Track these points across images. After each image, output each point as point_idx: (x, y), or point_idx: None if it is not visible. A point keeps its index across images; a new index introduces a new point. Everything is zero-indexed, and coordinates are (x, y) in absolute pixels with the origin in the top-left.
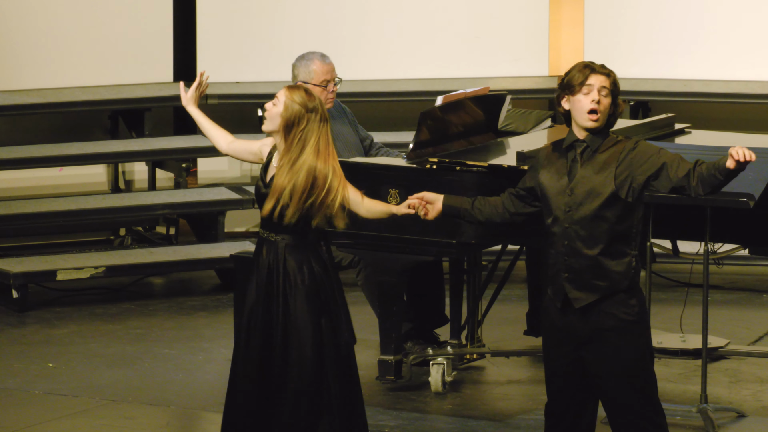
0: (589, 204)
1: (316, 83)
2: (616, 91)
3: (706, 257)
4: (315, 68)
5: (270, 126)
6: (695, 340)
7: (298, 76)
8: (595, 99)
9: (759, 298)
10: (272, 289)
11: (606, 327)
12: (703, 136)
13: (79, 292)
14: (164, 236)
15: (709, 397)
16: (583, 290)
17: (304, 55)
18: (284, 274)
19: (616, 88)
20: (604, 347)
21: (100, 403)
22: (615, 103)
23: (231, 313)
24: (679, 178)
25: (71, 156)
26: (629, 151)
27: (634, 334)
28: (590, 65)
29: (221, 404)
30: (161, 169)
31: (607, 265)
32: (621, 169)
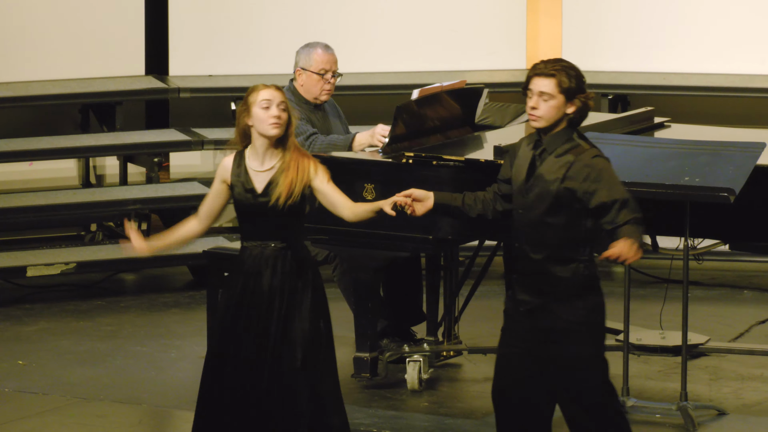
0: (537, 208)
1: (314, 71)
2: (571, 90)
3: (686, 253)
4: (316, 56)
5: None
6: (675, 337)
7: (298, 63)
8: (532, 105)
9: (739, 295)
10: (273, 294)
11: (552, 328)
12: (682, 130)
13: (50, 289)
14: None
15: (689, 394)
16: (530, 294)
17: (308, 43)
18: (287, 278)
19: (569, 88)
20: (549, 348)
21: (71, 401)
22: (571, 102)
23: (204, 310)
24: (604, 222)
25: (41, 150)
26: (584, 162)
27: (580, 335)
28: (535, 68)
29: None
30: (133, 164)
31: (553, 270)
32: (570, 175)
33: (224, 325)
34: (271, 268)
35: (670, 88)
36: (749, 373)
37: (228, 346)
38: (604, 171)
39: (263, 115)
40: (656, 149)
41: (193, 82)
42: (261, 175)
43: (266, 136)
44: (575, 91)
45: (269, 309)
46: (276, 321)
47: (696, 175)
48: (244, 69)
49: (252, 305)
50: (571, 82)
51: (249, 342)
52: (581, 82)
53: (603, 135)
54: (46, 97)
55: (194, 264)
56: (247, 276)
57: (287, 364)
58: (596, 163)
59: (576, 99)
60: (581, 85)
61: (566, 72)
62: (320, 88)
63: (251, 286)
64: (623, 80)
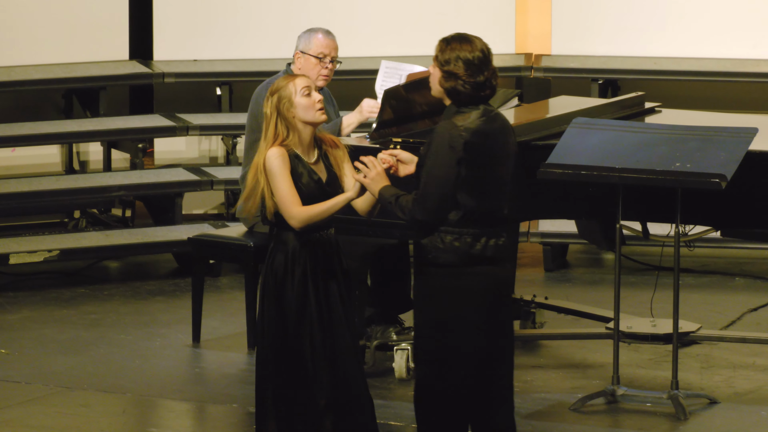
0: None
1: (312, 54)
2: (441, 64)
3: (677, 240)
4: (315, 40)
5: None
6: (666, 325)
7: (298, 46)
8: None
9: (731, 282)
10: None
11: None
12: (673, 116)
13: (32, 276)
14: (120, 218)
15: (680, 383)
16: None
17: (311, 28)
18: (340, 264)
19: (440, 61)
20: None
21: (55, 390)
22: (444, 78)
23: (189, 298)
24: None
25: (24, 136)
26: (432, 134)
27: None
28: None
29: (179, 391)
30: (117, 150)
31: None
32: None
33: (300, 320)
34: (336, 255)
35: (661, 73)
36: (741, 362)
37: (305, 339)
38: (430, 140)
39: (308, 102)
40: (647, 135)
41: (177, 67)
42: (315, 167)
43: (316, 122)
44: (442, 65)
45: (344, 293)
46: (341, 306)
47: (687, 161)
48: (230, 54)
49: (326, 293)
50: (443, 55)
51: (325, 330)
52: (449, 57)
53: (592, 120)
54: (29, 83)
55: (179, 251)
56: (317, 266)
57: (349, 347)
58: (432, 136)
59: (448, 76)
60: (450, 60)
61: (440, 46)
62: (317, 72)
63: (323, 274)
64: (613, 65)
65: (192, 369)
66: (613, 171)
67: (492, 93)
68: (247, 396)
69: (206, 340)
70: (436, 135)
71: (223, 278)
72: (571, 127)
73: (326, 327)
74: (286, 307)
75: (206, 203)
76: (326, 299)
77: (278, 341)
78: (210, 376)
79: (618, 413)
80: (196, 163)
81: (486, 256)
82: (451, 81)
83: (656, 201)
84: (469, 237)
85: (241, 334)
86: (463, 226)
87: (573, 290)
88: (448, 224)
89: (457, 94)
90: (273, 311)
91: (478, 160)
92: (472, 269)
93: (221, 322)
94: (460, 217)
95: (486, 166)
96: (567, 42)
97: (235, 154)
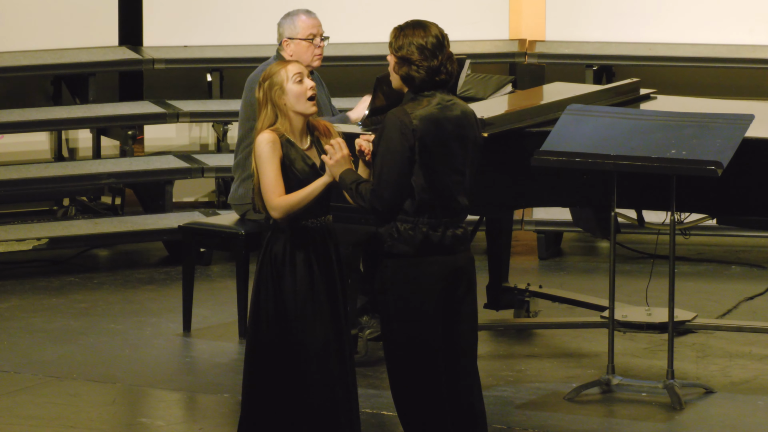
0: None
1: (302, 37)
2: (396, 52)
3: (673, 227)
4: (300, 23)
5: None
6: (661, 314)
7: (284, 34)
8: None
9: (727, 270)
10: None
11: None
12: (669, 102)
13: (21, 265)
14: (109, 206)
15: (676, 372)
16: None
17: (289, 12)
18: (337, 253)
19: (394, 48)
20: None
21: (44, 380)
22: (398, 65)
23: (179, 286)
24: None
25: (12, 123)
26: (384, 121)
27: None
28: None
29: (169, 380)
30: (106, 137)
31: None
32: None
33: (300, 311)
34: (332, 241)
35: (656, 59)
36: (737, 351)
37: (305, 333)
38: (382, 128)
39: (299, 89)
40: (642, 121)
41: (167, 53)
42: (310, 152)
43: (305, 113)
44: (396, 51)
45: (339, 281)
46: (341, 293)
47: (682, 148)
48: (221, 39)
49: (324, 280)
50: (396, 42)
51: (327, 319)
52: (403, 43)
53: (587, 107)
54: (17, 69)
55: (169, 239)
56: (315, 253)
57: (348, 328)
58: (384, 123)
59: (402, 62)
60: (403, 46)
61: (394, 33)
62: (311, 53)
63: (320, 261)
64: (608, 51)
65: (182, 358)
66: (607, 158)
67: (449, 78)
68: (238, 385)
69: (197, 330)
70: (387, 122)
71: (214, 267)
72: (565, 114)
73: (327, 318)
74: (285, 297)
75: (197, 191)
76: (327, 289)
77: (274, 333)
78: (201, 365)
79: (613, 403)
80: (187, 150)
81: (443, 245)
82: (405, 67)
83: (651, 188)
84: (424, 227)
85: (232, 323)
86: (418, 215)
87: (567, 279)
88: (404, 213)
89: (412, 80)
90: (270, 302)
91: (430, 148)
92: (426, 259)
93: (212, 311)
94: (416, 206)
95: (439, 155)
96: (561, 28)
97: (226, 141)
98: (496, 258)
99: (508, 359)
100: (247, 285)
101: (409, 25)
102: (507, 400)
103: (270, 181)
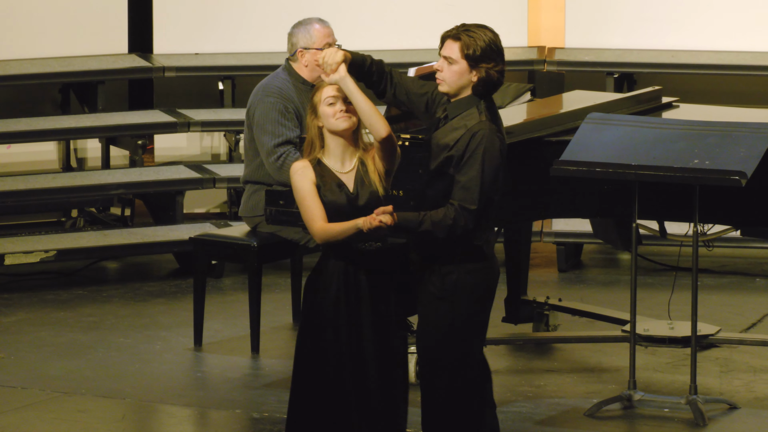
0: (426, 171)
1: (319, 47)
2: (473, 57)
3: (696, 239)
4: (315, 32)
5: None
6: (684, 328)
7: (298, 43)
8: (437, 67)
9: (751, 283)
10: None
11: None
12: (691, 111)
13: (28, 278)
14: (119, 218)
15: (699, 387)
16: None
17: (301, 21)
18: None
19: (472, 55)
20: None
21: (51, 395)
22: (475, 70)
23: (190, 300)
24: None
25: (19, 132)
26: (471, 132)
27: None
28: (448, 30)
29: (180, 396)
30: (115, 146)
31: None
32: (458, 147)
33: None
34: (380, 267)
35: (679, 66)
36: (762, 365)
37: (328, 355)
38: (483, 151)
39: (330, 111)
40: (664, 130)
41: (178, 61)
42: (346, 176)
43: (337, 131)
44: (479, 59)
45: (371, 304)
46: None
47: (705, 158)
48: (233, 47)
49: (349, 301)
50: (476, 49)
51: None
52: (490, 51)
53: (608, 116)
54: (25, 77)
55: (180, 251)
56: (348, 275)
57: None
58: (477, 139)
59: (480, 67)
60: (488, 53)
61: (473, 38)
62: None
63: (350, 286)
64: (629, 58)
65: (193, 373)
66: (629, 168)
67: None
68: (250, 401)
69: (208, 344)
70: (484, 139)
71: (226, 279)
72: (585, 123)
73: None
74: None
75: (208, 202)
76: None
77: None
78: (212, 380)
79: (634, 419)
80: (198, 160)
81: (490, 252)
82: (482, 68)
83: (674, 199)
84: (486, 233)
85: (244, 337)
86: (483, 226)
87: (588, 292)
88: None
89: (485, 85)
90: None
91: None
92: (485, 264)
93: (224, 325)
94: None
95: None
96: (581, 34)
97: (238, 151)
98: (515, 270)
99: (527, 374)
100: (259, 298)
101: (472, 26)
102: (526, 417)
103: (305, 208)
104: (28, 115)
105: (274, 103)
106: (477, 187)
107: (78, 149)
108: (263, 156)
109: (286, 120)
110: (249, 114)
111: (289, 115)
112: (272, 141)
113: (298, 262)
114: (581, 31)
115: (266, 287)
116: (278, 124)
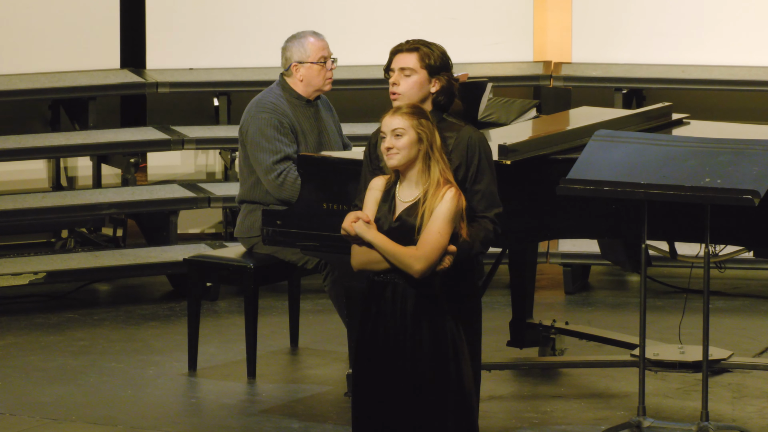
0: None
1: (314, 60)
2: (434, 67)
3: (707, 260)
4: (310, 45)
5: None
6: (695, 352)
7: (292, 57)
8: (392, 81)
9: (765, 305)
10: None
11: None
12: (702, 127)
13: (17, 300)
14: (111, 238)
15: (710, 414)
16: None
17: (294, 35)
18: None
19: (432, 64)
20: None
21: (41, 422)
22: (436, 79)
23: (184, 323)
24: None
25: (8, 150)
26: (465, 139)
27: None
28: (398, 45)
29: (174, 423)
30: (107, 165)
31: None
32: (458, 154)
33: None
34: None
35: (689, 82)
36: None
37: (378, 383)
38: (484, 152)
39: (382, 148)
40: (674, 148)
41: (172, 76)
42: (403, 204)
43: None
44: (439, 68)
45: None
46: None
47: (717, 176)
48: (228, 62)
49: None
50: (435, 59)
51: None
52: (446, 60)
53: (616, 133)
54: (14, 93)
55: (174, 273)
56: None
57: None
58: (474, 140)
59: (440, 76)
60: (445, 63)
61: (429, 47)
62: (323, 77)
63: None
64: (638, 73)
65: (188, 399)
66: (638, 187)
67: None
68: (246, 428)
69: (203, 369)
70: (485, 146)
71: (221, 302)
72: (593, 140)
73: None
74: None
75: (203, 222)
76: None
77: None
78: (207, 406)
79: None
80: (192, 178)
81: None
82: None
83: (684, 219)
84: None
85: (240, 362)
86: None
87: (595, 314)
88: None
89: (447, 94)
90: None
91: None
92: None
93: (219, 349)
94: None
95: None
96: (589, 49)
97: (234, 170)
98: (520, 293)
99: (533, 400)
100: (256, 321)
101: (422, 40)
102: None
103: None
104: (16, 133)
105: (268, 119)
106: (495, 187)
107: (68, 167)
108: (261, 174)
109: (282, 135)
110: (242, 131)
111: (285, 131)
112: (271, 158)
113: (296, 284)
114: (589, 46)
115: (263, 310)
116: (275, 140)
